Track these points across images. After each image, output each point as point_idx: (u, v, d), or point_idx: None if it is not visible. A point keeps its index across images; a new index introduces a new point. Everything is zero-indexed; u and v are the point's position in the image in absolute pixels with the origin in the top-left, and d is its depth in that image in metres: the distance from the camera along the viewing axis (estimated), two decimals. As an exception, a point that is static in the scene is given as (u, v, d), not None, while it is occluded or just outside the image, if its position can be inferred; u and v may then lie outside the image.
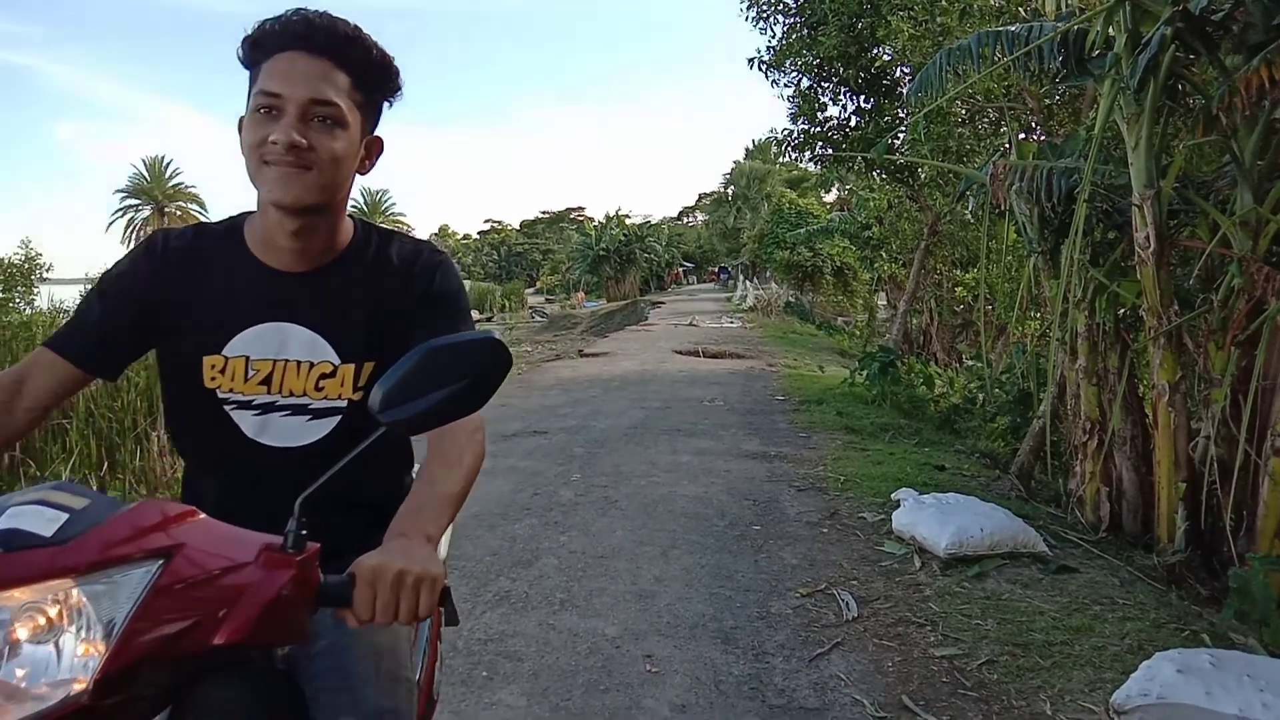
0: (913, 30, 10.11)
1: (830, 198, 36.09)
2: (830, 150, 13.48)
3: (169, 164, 53.72)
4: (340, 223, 1.43)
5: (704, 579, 4.21)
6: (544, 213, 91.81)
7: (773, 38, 13.12)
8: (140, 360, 1.47)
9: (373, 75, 1.35)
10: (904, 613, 3.78)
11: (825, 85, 12.92)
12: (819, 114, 13.25)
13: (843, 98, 12.98)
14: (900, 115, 12.10)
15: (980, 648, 3.41)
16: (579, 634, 3.58)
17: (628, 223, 53.43)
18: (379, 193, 60.49)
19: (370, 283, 1.43)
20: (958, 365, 14.93)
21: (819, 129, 13.40)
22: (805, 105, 13.12)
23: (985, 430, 8.57)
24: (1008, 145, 7.05)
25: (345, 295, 1.41)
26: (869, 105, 12.82)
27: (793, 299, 31.83)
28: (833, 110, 13.28)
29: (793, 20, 12.82)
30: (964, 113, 10.20)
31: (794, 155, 14.10)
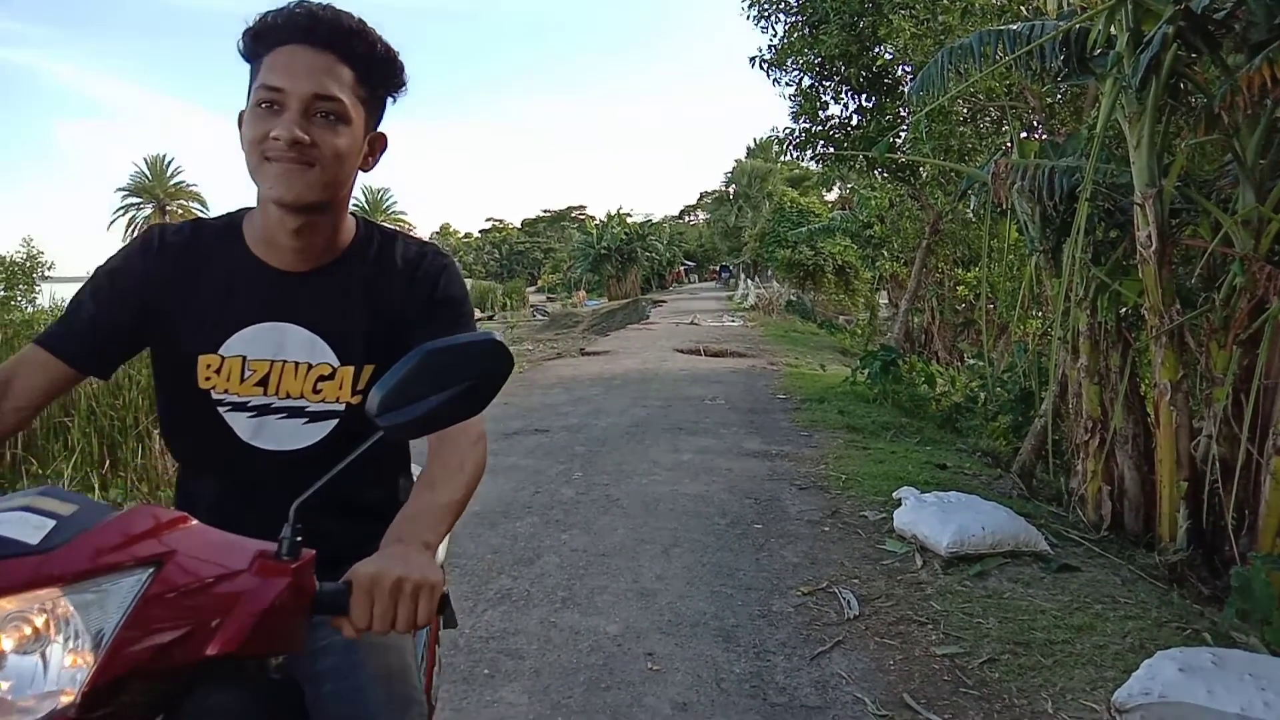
0: (914, 29, 10.11)
1: (832, 196, 36.07)
2: (832, 149, 13.50)
3: (170, 162, 53.89)
4: (342, 221, 1.39)
5: (705, 577, 4.21)
6: (545, 211, 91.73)
7: (774, 36, 13.16)
8: (142, 358, 1.43)
9: (377, 70, 1.32)
10: (905, 611, 3.78)
11: (827, 84, 12.94)
12: (821, 112, 13.28)
13: (844, 96, 13.01)
14: (902, 114, 12.10)
15: (982, 646, 3.41)
16: (580, 632, 3.58)
17: (629, 221, 53.31)
18: (380, 191, 60.57)
19: (372, 284, 1.39)
20: (959, 364, 14.93)
21: (821, 127, 13.42)
22: (807, 104, 13.13)
23: (987, 429, 8.58)
24: (1009, 144, 7.05)
25: (346, 296, 1.37)
26: (870, 104, 12.84)
27: (794, 298, 31.81)
28: (834, 109, 13.33)
29: (794, 19, 12.85)
30: (966, 111, 10.20)
31: (795, 154, 14.12)
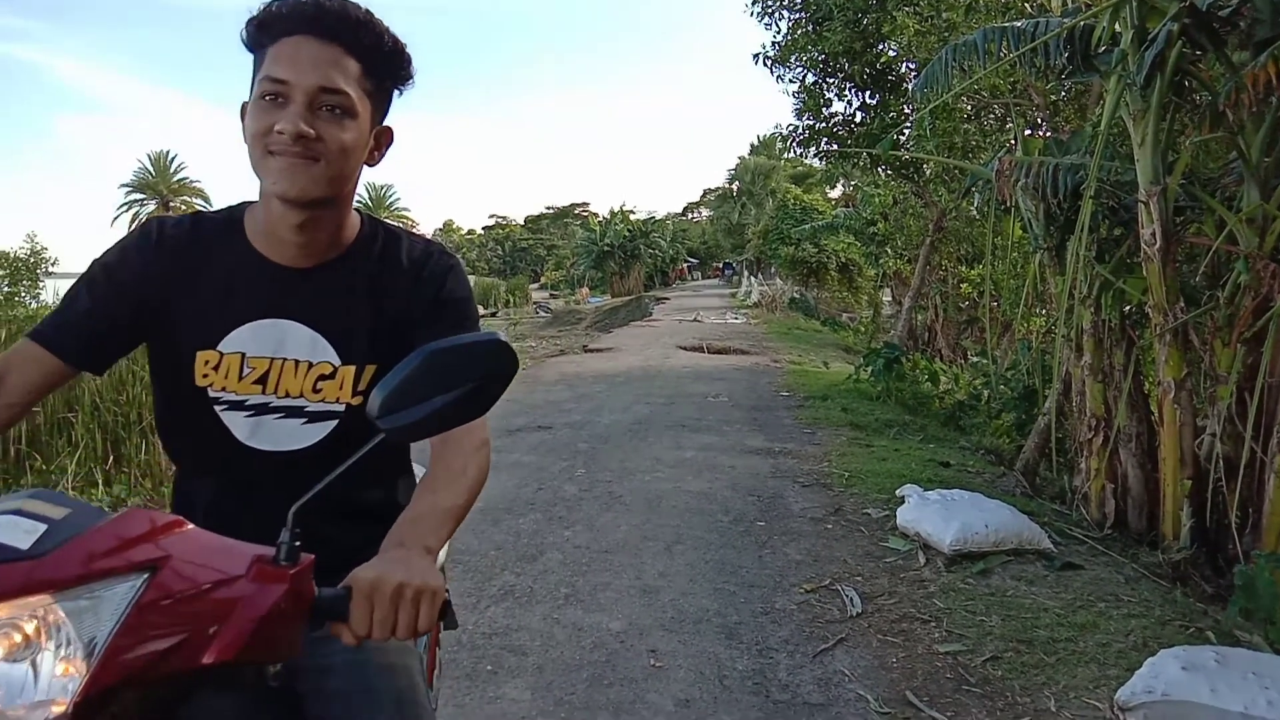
0: (918, 26, 10.10)
1: (835, 194, 35.97)
2: (835, 146, 13.48)
3: (173, 158, 53.99)
4: (346, 217, 1.35)
5: (708, 574, 4.21)
6: (549, 208, 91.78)
7: (778, 33, 13.15)
8: (145, 353, 1.40)
9: (384, 62, 1.28)
10: (908, 609, 3.78)
11: (831, 81, 12.93)
12: (824, 110, 13.26)
13: (848, 93, 13.00)
14: (906, 111, 12.10)
15: (985, 644, 3.41)
16: (583, 628, 3.58)
17: (632, 218, 53.29)
18: (383, 187, 60.61)
19: (376, 282, 1.36)
20: (963, 361, 14.93)
21: (824, 125, 13.40)
22: (811, 101, 13.12)
23: (990, 427, 8.57)
24: (1013, 141, 7.05)
25: (349, 294, 1.34)
26: (874, 101, 12.82)
27: (797, 295, 31.77)
28: (838, 106, 13.31)
29: (798, 16, 12.83)
30: (969, 109, 10.17)
31: (799, 151, 14.12)
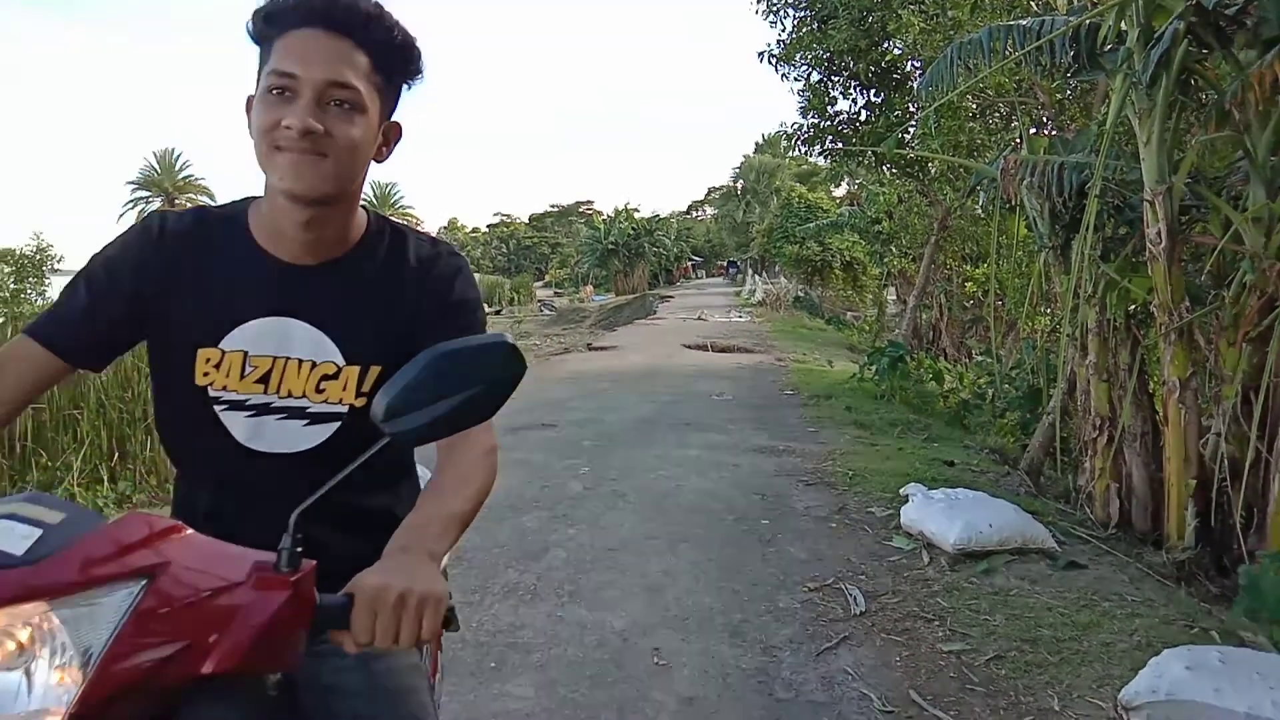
0: (923, 24, 10.09)
1: (840, 192, 35.94)
2: (840, 144, 13.45)
3: (179, 156, 54.12)
4: (353, 214, 1.33)
5: (712, 573, 4.22)
6: (553, 206, 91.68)
7: (783, 31, 13.10)
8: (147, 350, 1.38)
9: (394, 57, 1.26)
10: (912, 608, 3.78)
11: (835, 79, 12.89)
12: (829, 108, 13.22)
13: (853, 92, 12.94)
14: (911, 109, 12.07)
15: (988, 643, 3.41)
16: (587, 626, 3.59)
17: (637, 216, 53.29)
18: (388, 185, 60.77)
19: (382, 281, 1.33)
20: (967, 360, 14.91)
21: (829, 123, 13.36)
22: (815, 99, 13.09)
23: (995, 426, 8.57)
24: (1019, 140, 7.04)
25: (355, 293, 1.31)
26: (879, 99, 12.78)
27: (802, 294, 31.77)
28: (843, 104, 13.26)
29: (803, 14, 12.79)
30: (975, 107, 10.16)
31: (804, 149, 14.07)
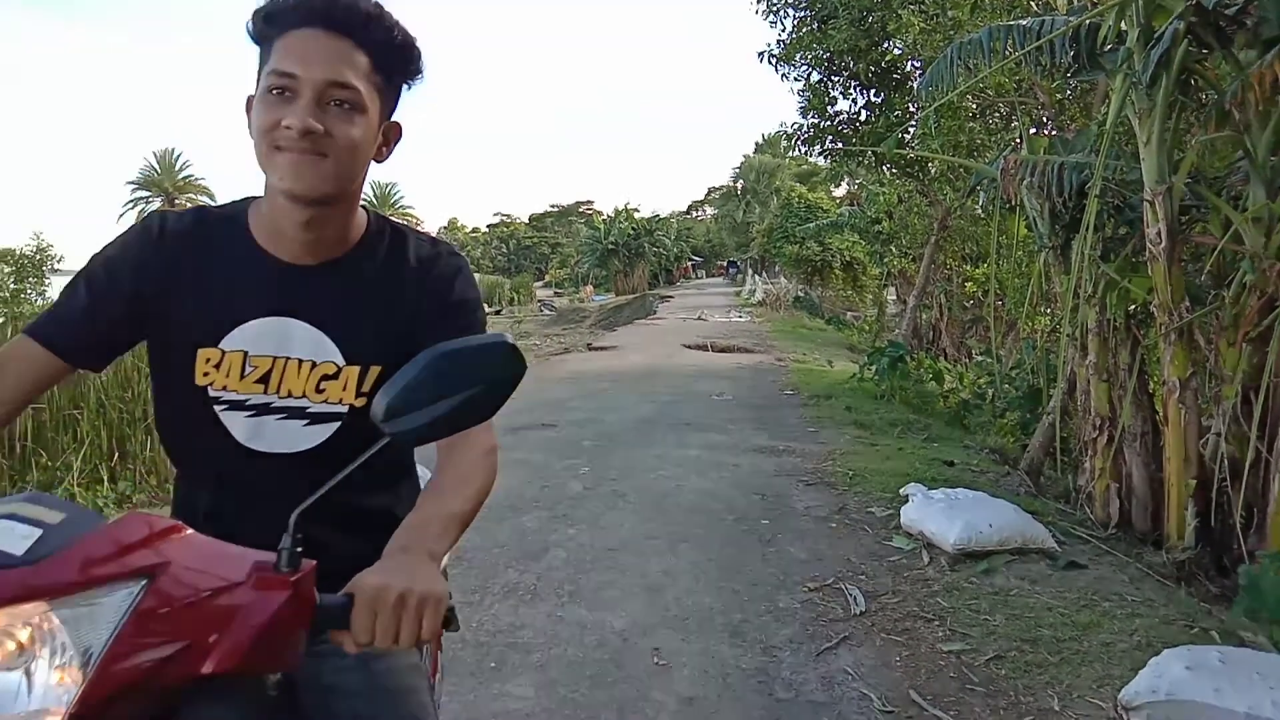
0: (923, 24, 10.08)
1: (840, 192, 35.94)
2: (840, 144, 13.44)
3: (179, 156, 54.12)
4: (353, 214, 1.33)
5: (712, 573, 4.22)
6: (553, 206, 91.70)
7: (783, 31, 13.09)
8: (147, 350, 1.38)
9: (394, 57, 1.26)
10: (912, 608, 3.78)
11: (836, 79, 12.88)
12: (829, 108, 13.21)
13: (853, 92, 12.94)
14: (911, 109, 12.07)
15: (988, 643, 3.41)
16: (587, 626, 3.59)
17: (637, 216, 53.29)
18: (388, 185, 60.75)
19: (382, 281, 1.33)
20: (967, 360, 14.91)
21: (829, 123, 13.35)
22: (815, 99, 13.08)
23: (995, 426, 8.57)
24: (1019, 140, 7.03)
25: (355, 292, 1.32)
26: (879, 99, 12.78)
27: (801, 294, 31.76)
28: (843, 104, 13.25)
29: (803, 13, 12.78)
30: (975, 107, 10.16)
31: (804, 149, 14.06)
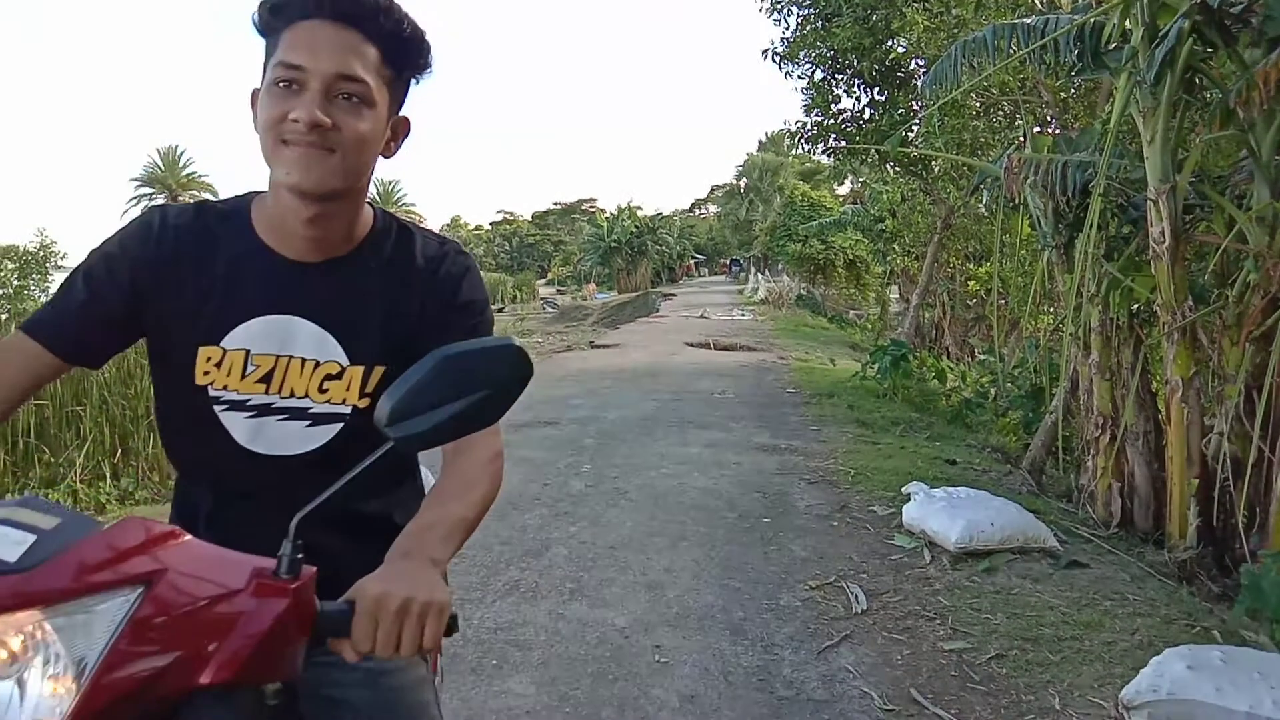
0: (927, 22, 10.07)
1: (843, 190, 36.03)
2: (844, 143, 13.44)
3: (182, 153, 54.16)
4: (360, 211, 1.30)
5: (713, 571, 4.22)
6: (556, 204, 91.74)
7: (787, 29, 13.10)
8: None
9: (403, 50, 1.23)
10: (913, 606, 3.78)
11: (839, 77, 12.88)
12: (833, 106, 13.21)
13: (857, 90, 12.94)
14: (914, 108, 12.07)
15: (989, 642, 3.41)
16: (588, 624, 3.59)
17: (639, 214, 53.31)
18: (391, 183, 60.69)
19: (388, 280, 1.30)
20: (970, 359, 14.91)
21: (833, 121, 13.35)
22: (819, 97, 13.08)
23: (997, 425, 8.56)
24: (1022, 138, 7.03)
25: (360, 291, 1.28)
26: (883, 98, 12.77)
27: (804, 292, 31.75)
28: (846, 103, 13.25)
29: (807, 11, 12.78)
30: (979, 106, 10.15)
31: (807, 148, 14.07)
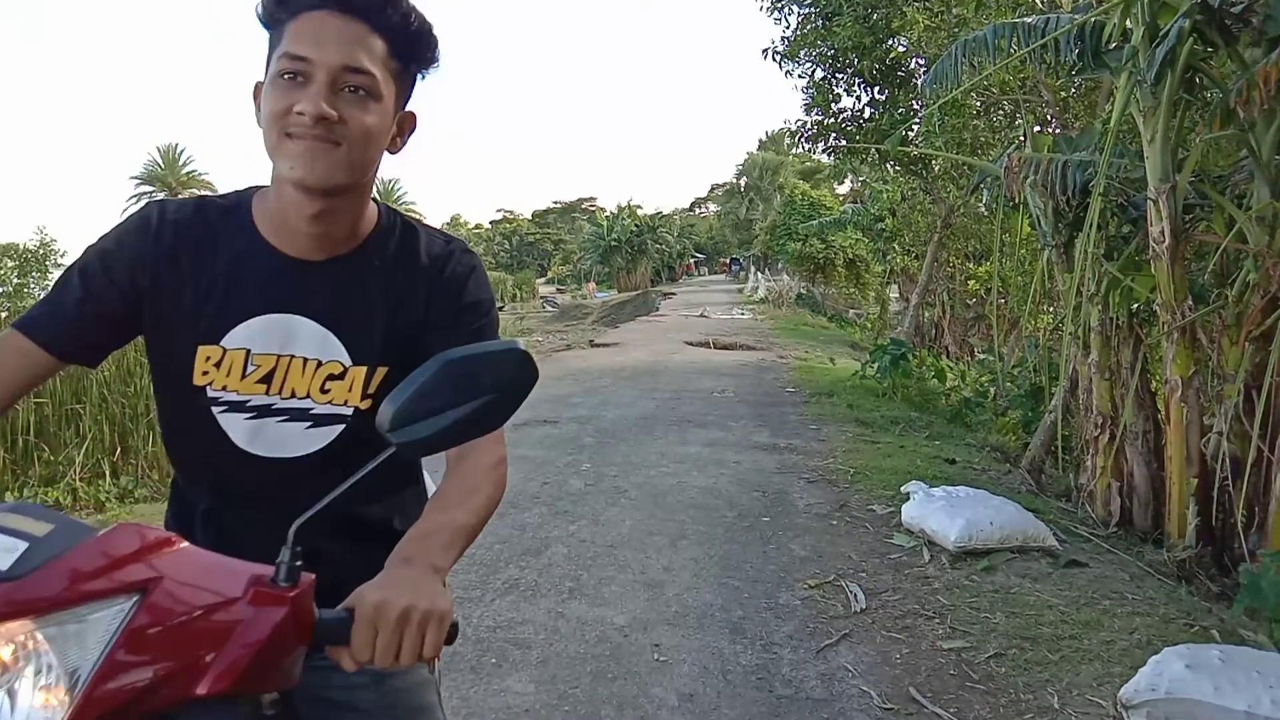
0: (928, 21, 10.06)
1: (843, 189, 36.01)
2: (844, 142, 13.44)
3: (182, 151, 54.13)
4: (364, 208, 1.27)
5: (712, 569, 4.22)
6: (556, 203, 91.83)
7: (787, 28, 13.11)
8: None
9: (411, 43, 1.20)
10: (912, 605, 3.79)
11: (840, 76, 12.88)
12: (833, 105, 13.22)
13: (857, 89, 12.94)
14: (915, 107, 12.07)
15: (988, 641, 3.41)
16: (587, 622, 3.60)
17: (639, 213, 53.37)
18: (391, 181, 60.61)
19: (392, 279, 1.28)
20: (969, 359, 14.92)
21: (833, 120, 13.36)
22: (819, 96, 13.08)
23: (996, 424, 8.57)
24: (1023, 138, 7.02)
25: (364, 290, 1.26)
26: (883, 97, 12.78)
27: (804, 291, 31.75)
28: (847, 101, 13.27)
29: (807, 10, 12.79)
30: (979, 105, 10.14)
31: (808, 146, 14.08)
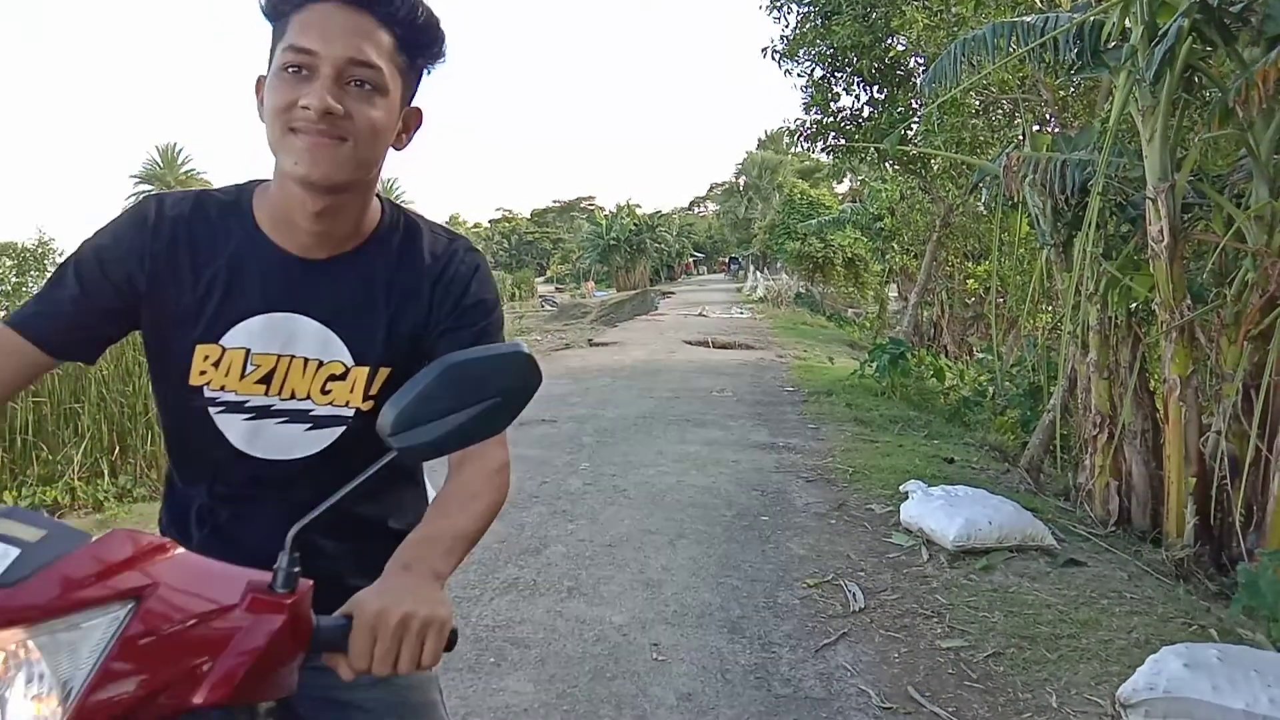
0: (927, 20, 10.07)
1: (842, 188, 35.96)
2: (843, 141, 13.44)
3: (181, 150, 54.08)
4: (368, 204, 1.24)
5: (711, 569, 4.22)
6: (555, 202, 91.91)
7: (787, 27, 13.11)
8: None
9: (418, 37, 1.17)
10: (911, 604, 3.79)
11: (839, 75, 12.89)
12: (832, 104, 13.23)
13: (856, 88, 12.96)
14: (914, 106, 12.07)
15: (987, 640, 3.41)
16: (586, 622, 3.60)
17: (638, 212, 53.44)
18: (389, 179, 60.57)
19: (395, 278, 1.25)
20: (968, 358, 14.93)
21: (832, 119, 13.37)
22: (819, 95, 13.09)
23: (995, 423, 8.58)
24: (1022, 137, 7.01)
25: (366, 289, 1.23)
26: (882, 96, 12.78)
27: (803, 290, 31.77)
28: (846, 100, 13.28)
29: (807, 9, 12.79)
30: (978, 104, 10.14)
31: (806, 146, 14.07)
